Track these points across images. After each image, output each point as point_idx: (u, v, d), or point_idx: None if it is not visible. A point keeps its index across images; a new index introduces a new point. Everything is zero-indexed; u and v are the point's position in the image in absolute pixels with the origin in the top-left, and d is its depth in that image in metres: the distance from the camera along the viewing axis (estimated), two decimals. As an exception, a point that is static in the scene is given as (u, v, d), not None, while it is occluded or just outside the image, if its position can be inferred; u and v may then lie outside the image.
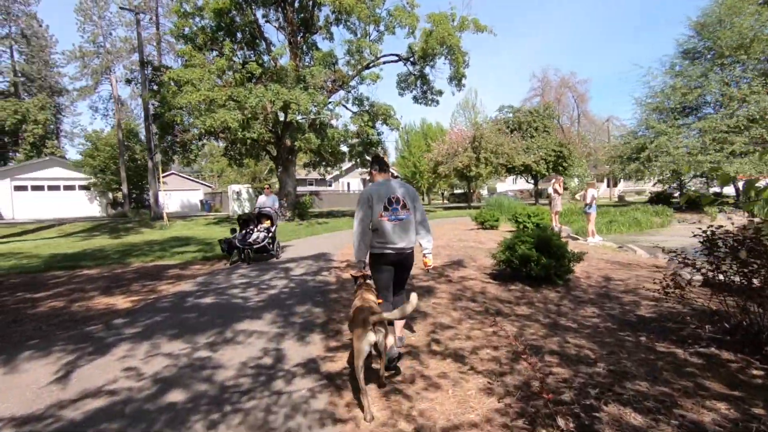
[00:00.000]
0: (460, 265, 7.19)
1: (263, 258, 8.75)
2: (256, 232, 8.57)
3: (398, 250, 3.15)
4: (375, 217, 3.12)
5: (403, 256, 3.20)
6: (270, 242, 8.55)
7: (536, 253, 5.51)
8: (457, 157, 26.92)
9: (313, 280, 6.51)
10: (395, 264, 3.22)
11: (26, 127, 38.32)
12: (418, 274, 6.56)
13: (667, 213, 17.87)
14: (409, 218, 3.20)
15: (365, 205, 3.14)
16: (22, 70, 44.28)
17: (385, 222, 3.11)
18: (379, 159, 3.42)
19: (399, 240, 3.14)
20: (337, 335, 3.96)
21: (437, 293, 5.40)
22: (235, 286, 6.25)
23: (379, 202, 3.12)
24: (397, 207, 3.15)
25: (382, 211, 3.12)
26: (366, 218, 3.13)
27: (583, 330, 3.90)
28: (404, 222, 3.16)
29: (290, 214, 19.19)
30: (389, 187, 3.21)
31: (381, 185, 3.22)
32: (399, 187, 3.23)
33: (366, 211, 3.13)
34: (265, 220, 8.92)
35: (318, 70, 16.53)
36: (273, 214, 8.95)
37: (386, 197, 3.14)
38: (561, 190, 13.52)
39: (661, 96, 21.07)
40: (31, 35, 44.53)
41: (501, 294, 5.29)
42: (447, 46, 18.56)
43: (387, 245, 3.13)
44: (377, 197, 3.14)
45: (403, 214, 3.16)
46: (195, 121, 14.72)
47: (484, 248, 8.85)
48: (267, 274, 7.06)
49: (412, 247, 3.25)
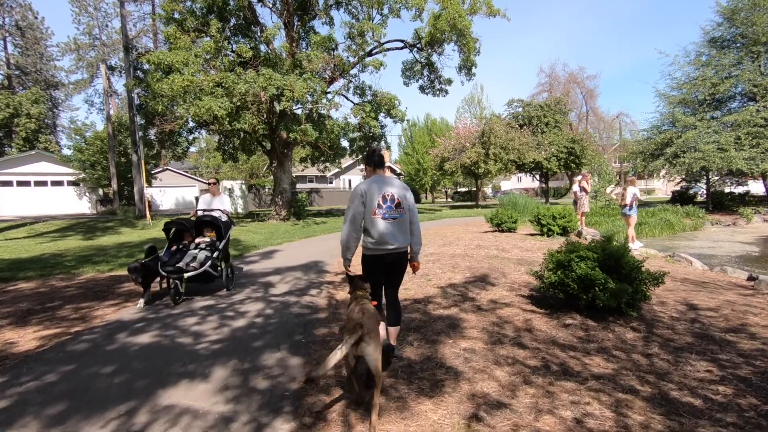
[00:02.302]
0: (486, 282, 5.65)
1: (208, 290, 5.77)
2: (193, 251, 5.49)
3: (392, 250, 2.96)
4: (368, 214, 2.93)
5: (397, 256, 3.02)
6: (216, 265, 5.56)
7: (602, 274, 3.97)
8: (465, 153, 25.31)
9: (297, 304, 4.98)
10: (389, 265, 3.03)
11: (19, 120, 37.14)
12: (434, 296, 5.03)
13: (699, 214, 16.31)
14: (404, 218, 3.02)
15: (358, 201, 2.94)
16: (17, 63, 43.03)
17: (379, 220, 2.93)
18: (374, 153, 3.14)
19: (393, 240, 2.95)
20: (317, 426, 2.42)
21: (465, 330, 3.87)
22: (192, 311, 4.73)
23: (374, 199, 2.93)
24: (392, 205, 2.96)
25: (376, 208, 2.93)
26: (358, 216, 2.95)
27: (716, 413, 2.37)
28: (399, 221, 2.99)
29: (285, 213, 17.67)
30: (385, 183, 3.01)
31: (376, 181, 3.01)
32: (394, 185, 3.04)
33: (359, 208, 2.95)
34: (208, 231, 5.91)
35: (315, 55, 14.96)
36: (221, 222, 5.91)
37: (381, 194, 2.95)
38: (589, 188, 11.97)
39: (688, 87, 19.40)
40: (25, 27, 43.24)
41: (556, 332, 3.76)
42: (457, 31, 16.95)
43: (381, 246, 2.94)
44: (371, 194, 2.94)
45: (398, 212, 2.98)
46: (178, 108, 13.19)
47: (511, 258, 7.29)
48: (240, 293, 5.54)
49: (406, 247, 3.07)
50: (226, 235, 5.90)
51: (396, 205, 2.96)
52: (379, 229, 2.91)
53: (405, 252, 3.06)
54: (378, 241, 2.92)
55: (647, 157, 20.21)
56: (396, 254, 2.99)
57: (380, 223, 2.91)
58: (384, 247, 2.92)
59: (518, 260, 6.88)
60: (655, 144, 19.65)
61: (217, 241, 5.77)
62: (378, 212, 2.92)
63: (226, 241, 5.87)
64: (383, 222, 2.92)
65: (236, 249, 9.60)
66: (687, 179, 20.12)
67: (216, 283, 5.78)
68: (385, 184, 3.00)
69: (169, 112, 14.34)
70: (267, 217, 18.58)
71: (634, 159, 21.13)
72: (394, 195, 2.97)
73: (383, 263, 2.98)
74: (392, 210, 2.95)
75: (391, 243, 2.92)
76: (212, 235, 5.87)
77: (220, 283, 5.76)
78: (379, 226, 2.91)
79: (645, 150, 20.20)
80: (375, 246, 2.94)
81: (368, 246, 2.98)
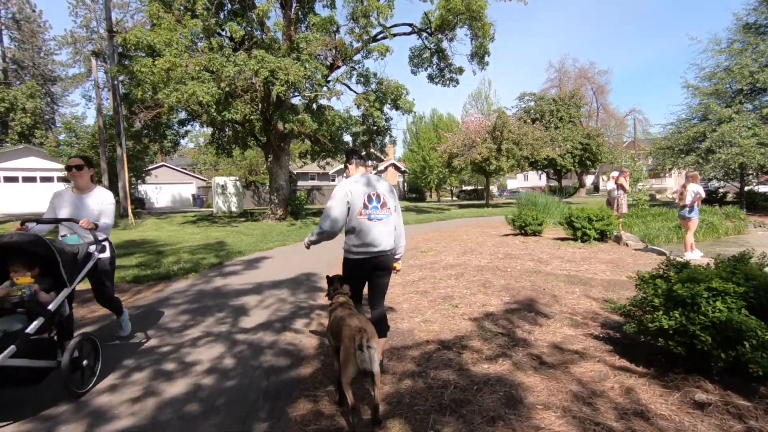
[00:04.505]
0: (536, 311, 4.13)
1: (150, 325, 4.01)
2: None
3: (378, 253, 2.76)
4: (353, 215, 2.71)
5: (384, 259, 2.81)
6: (44, 348, 2.61)
7: (756, 320, 2.44)
8: (475, 149, 23.70)
9: (273, 347, 3.48)
10: (375, 268, 2.81)
11: (14, 115, 36.04)
12: (469, 335, 3.52)
13: (740, 216, 14.66)
14: (389, 218, 2.83)
15: (342, 202, 2.70)
16: (13, 57, 41.91)
17: (365, 221, 2.72)
18: (356, 151, 2.98)
19: (380, 242, 2.75)
20: None
21: (533, 412, 2.35)
22: (109, 361, 3.24)
23: (358, 198, 2.72)
24: (377, 205, 2.77)
25: (362, 209, 2.72)
26: (341, 218, 2.71)
27: None
28: (385, 222, 2.80)
29: (282, 213, 16.19)
30: (370, 182, 2.83)
31: (361, 180, 2.82)
32: (380, 184, 2.87)
33: (342, 209, 2.70)
34: (20, 270, 2.70)
35: (315, 37, 13.44)
36: (62, 251, 2.73)
37: (366, 194, 2.75)
38: (628, 186, 10.40)
39: (721, 77, 17.71)
40: (22, 20, 42.09)
41: (688, 420, 2.24)
42: (470, 13, 15.39)
43: (367, 248, 2.73)
44: (356, 194, 2.73)
45: (384, 212, 2.80)
46: (159, 94, 11.71)
47: (555, 273, 5.75)
48: (198, 325, 4.06)
49: (392, 250, 2.86)
50: (74, 278, 2.80)
51: (382, 205, 2.80)
52: (366, 230, 2.72)
53: (391, 255, 2.88)
54: (364, 243, 2.73)
55: (675, 153, 18.56)
56: (383, 257, 2.81)
57: (367, 224, 2.73)
58: (370, 249, 2.74)
59: (567, 277, 5.36)
60: (686, 138, 17.99)
61: (37, 293, 2.60)
62: (364, 213, 2.73)
63: (69, 293, 2.73)
64: (370, 223, 2.73)
65: (217, 256, 8.13)
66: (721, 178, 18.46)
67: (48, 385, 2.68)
68: (371, 183, 2.83)
69: (150, 99, 12.87)
70: (262, 217, 17.12)
71: (661, 155, 19.47)
72: (379, 195, 2.81)
73: (368, 267, 2.80)
74: (378, 210, 2.78)
75: (378, 245, 2.75)
76: (29, 280, 2.66)
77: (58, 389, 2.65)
78: (367, 228, 2.72)
79: (674, 145, 18.54)
80: (360, 249, 2.74)
81: (352, 249, 2.76)
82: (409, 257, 7.48)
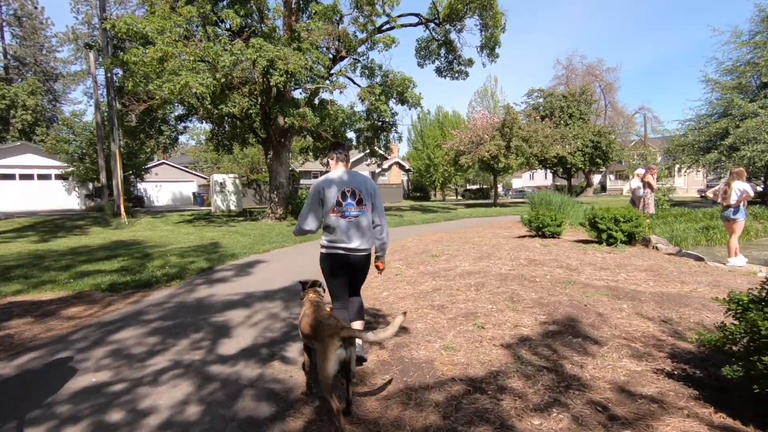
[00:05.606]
0: (582, 335, 3.35)
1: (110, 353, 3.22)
2: None
3: (351, 250, 2.70)
4: (327, 212, 2.68)
5: (357, 257, 2.74)
6: None
7: None
8: (483, 146, 22.85)
9: (253, 385, 2.72)
10: (348, 266, 2.75)
11: (14, 112, 35.68)
12: (503, 370, 2.74)
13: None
14: (365, 215, 2.75)
15: (315, 200, 2.68)
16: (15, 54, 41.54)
17: (337, 219, 2.68)
18: (339, 145, 2.90)
19: (352, 239, 2.69)
20: None
21: None
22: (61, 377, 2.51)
23: (332, 195, 2.67)
24: (352, 202, 2.71)
25: (335, 206, 2.67)
26: (315, 218, 2.70)
27: None
28: (359, 219, 2.72)
29: (282, 212, 15.47)
30: (344, 178, 2.74)
31: (334, 177, 2.74)
32: (356, 179, 2.77)
33: (315, 208, 2.69)
34: None
35: (317, 26, 12.70)
36: None
37: (340, 190, 2.69)
38: (655, 184, 9.58)
39: (748, 69, 16.79)
40: (24, 16, 41.71)
41: None
42: (481, 1, 14.61)
43: (339, 244, 2.69)
44: (329, 190, 2.67)
45: (357, 210, 2.72)
46: (150, 85, 11.00)
47: (592, 284, 4.95)
48: (167, 351, 3.31)
49: (368, 248, 2.79)
50: None
51: (357, 202, 2.71)
52: (339, 228, 2.67)
53: (367, 254, 2.80)
54: (337, 239, 2.68)
55: (696, 150, 17.66)
56: (356, 256, 2.72)
57: (339, 222, 2.67)
58: (343, 246, 2.68)
59: (607, 289, 4.57)
60: (707, 135, 17.09)
61: None
62: (337, 210, 2.67)
63: None
64: (343, 221, 2.68)
65: (208, 259, 7.40)
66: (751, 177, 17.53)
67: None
68: (346, 180, 2.73)
69: (142, 92, 12.18)
70: (262, 216, 16.41)
71: (680, 152, 18.56)
72: (355, 191, 2.72)
73: (342, 263, 2.71)
74: (353, 207, 2.70)
75: (350, 243, 2.68)
76: None
77: None
78: (339, 226, 2.67)
79: (694, 142, 17.64)
80: (333, 245, 2.69)
81: (325, 244, 2.74)
82: (420, 262, 6.72)
